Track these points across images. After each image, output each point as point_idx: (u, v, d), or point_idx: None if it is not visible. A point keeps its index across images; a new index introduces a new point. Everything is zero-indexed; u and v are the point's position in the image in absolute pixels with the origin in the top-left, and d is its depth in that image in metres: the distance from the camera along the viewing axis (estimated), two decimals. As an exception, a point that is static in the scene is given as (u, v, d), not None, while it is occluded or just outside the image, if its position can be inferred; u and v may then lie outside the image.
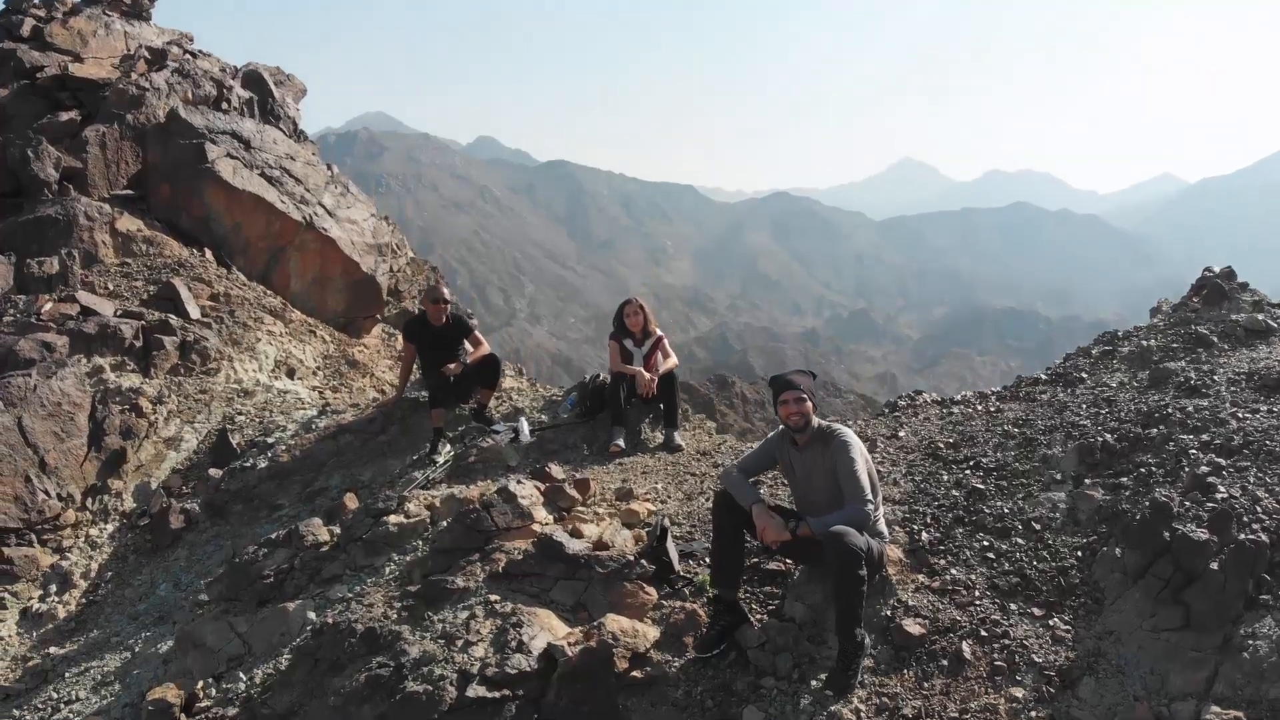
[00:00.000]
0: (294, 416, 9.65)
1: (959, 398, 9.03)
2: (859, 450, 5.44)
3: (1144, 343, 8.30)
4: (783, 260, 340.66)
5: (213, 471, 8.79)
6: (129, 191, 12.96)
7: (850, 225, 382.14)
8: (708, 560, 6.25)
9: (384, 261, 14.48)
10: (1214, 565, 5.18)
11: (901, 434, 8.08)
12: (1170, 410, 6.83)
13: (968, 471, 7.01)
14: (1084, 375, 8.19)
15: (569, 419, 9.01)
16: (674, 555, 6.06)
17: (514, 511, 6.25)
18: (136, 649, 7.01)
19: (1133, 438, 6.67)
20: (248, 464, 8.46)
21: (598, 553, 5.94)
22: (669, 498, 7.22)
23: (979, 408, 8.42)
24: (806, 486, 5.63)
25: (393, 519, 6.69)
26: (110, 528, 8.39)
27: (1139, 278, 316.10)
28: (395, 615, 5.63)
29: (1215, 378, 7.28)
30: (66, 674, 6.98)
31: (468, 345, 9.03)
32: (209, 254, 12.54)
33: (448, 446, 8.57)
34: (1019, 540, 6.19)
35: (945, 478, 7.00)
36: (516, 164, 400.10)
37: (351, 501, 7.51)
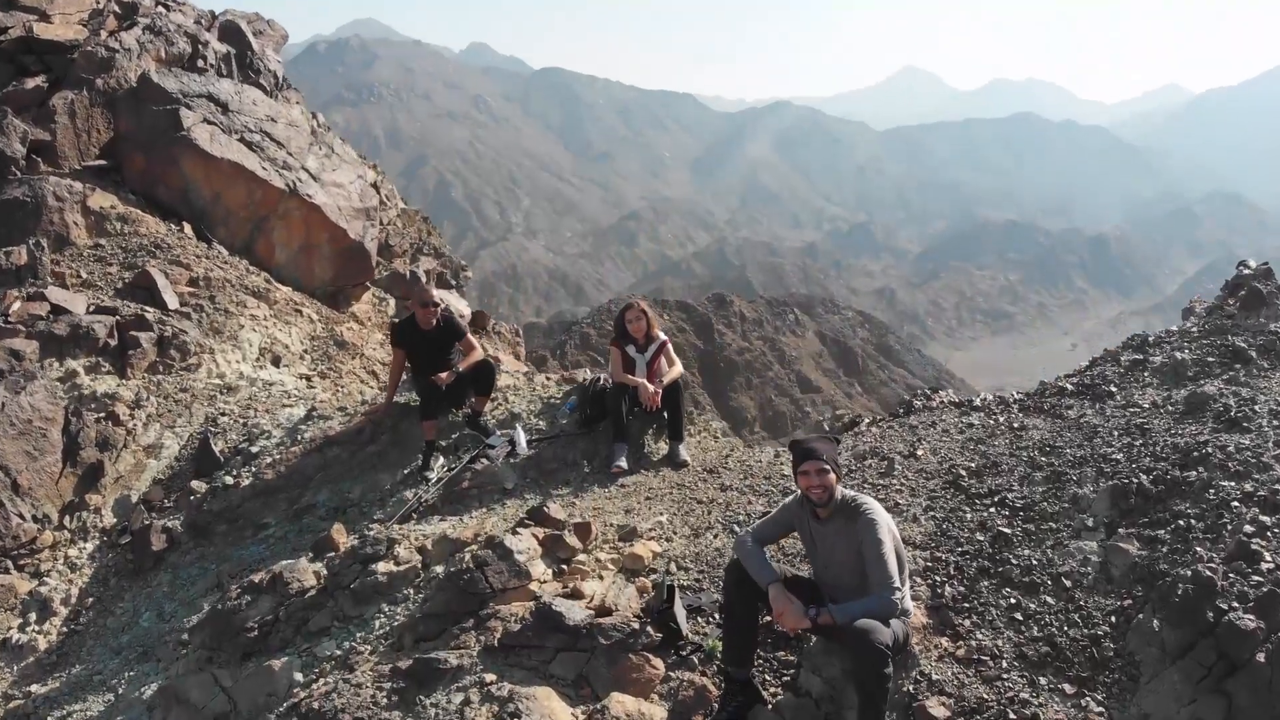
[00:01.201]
0: (279, 418, 9.20)
1: (978, 402, 8.61)
2: (886, 529, 5.02)
3: (1177, 354, 7.83)
4: (783, 172, 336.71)
5: (195, 484, 8.40)
6: (101, 162, 12.26)
7: (852, 136, 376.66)
8: (717, 616, 5.92)
9: (372, 226, 13.86)
10: (1260, 656, 4.83)
11: (920, 452, 7.67)
12: (1210, 449, 6.40)
13: (992, 509, 6.62)
14: (1113, 389, 7.75)
15: (568, 424, 8.60)
16: (682, 619, 5.70)
17: (510, 570, 5.86)
18: (120, 690, 6.71)
19: (1170, 481, 6.26)
20: (230, 481, 8.06)
21: (600, 620, 5.56)
22: (675, 534, 6.83)
23: (1000, 419, 7.99)
24: (829, 561, 5.23)
25: (381, 567, 6.32)
26: (90, 546, 8.03)
27: (1141, 191, 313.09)
28: (385, 700, 5.28)
29: (1256, 408, 6.83)
30: (49, 717, 6.70)
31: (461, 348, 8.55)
32: (188, 229, 11.92)
33: (440, 459, 8.17)
34: (1048, 599, 5.83)
35: (969, 516, 6.61)
36: (510, 71, 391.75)
37: (339, 534, 7.13)
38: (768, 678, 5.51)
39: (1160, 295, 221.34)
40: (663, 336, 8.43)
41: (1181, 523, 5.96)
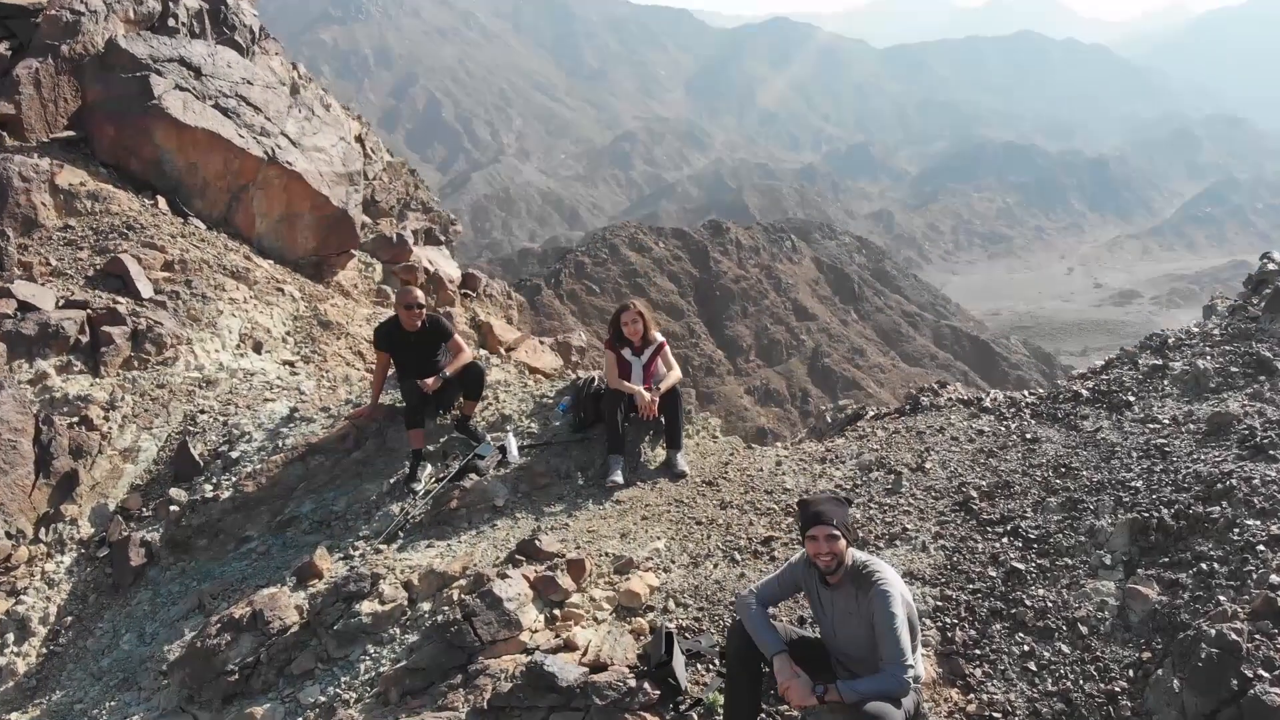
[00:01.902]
0: (261, 416, 8.85)
1: (988, 402, 8.27)
2: (900, 600, 4.71)
3: (1198, 362, 7.48)
4: (781, 91, 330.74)
5: (174, 492, 8.09)
6: (70, 133, 11.64)
7: (852, 54, 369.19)
8: (718, 662, 5.68)
9: (356, 191, 13.29)
10: (1289, 734, 4.59)
11: (928, 465, 7.37)
12: (1234, 481, 6.09)
13: (1005, 540, 6.34)
14: (1130, 399, 7.42)
15: (561, 425, 8.27)
16: (681, 672, 5.44)
17: (499, 620, 5.58)
18: (101, 721, 6.50)
19: (1191, 517, 5.97)
20: (210, 494, 7.74)
21: (595, 678, 5.30)
22: (673, 562, 6.55)
23: (1012, 425, 7.68)
24: (838, 628, 4.94)
25: (366, 607, 6.04)
26: (68, 560, 7.75)
27: (1142, 112, 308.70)
28: (371, 768, 5.05)
29: (1284, 432, 6.51)
30: (28, 750, 6.52)
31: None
32: (162, 203, 11.38)
33: (428, 468, 7.85)
34: (1063, 648, 5.59)
35: (980, 547, 6.33)
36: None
37: (323, 560, 6.84)
38: (772, 735, 5.30)
39: (1158, 218, 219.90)
40: (660, 338, 8.05)
41: (1204, 565, 5.69)
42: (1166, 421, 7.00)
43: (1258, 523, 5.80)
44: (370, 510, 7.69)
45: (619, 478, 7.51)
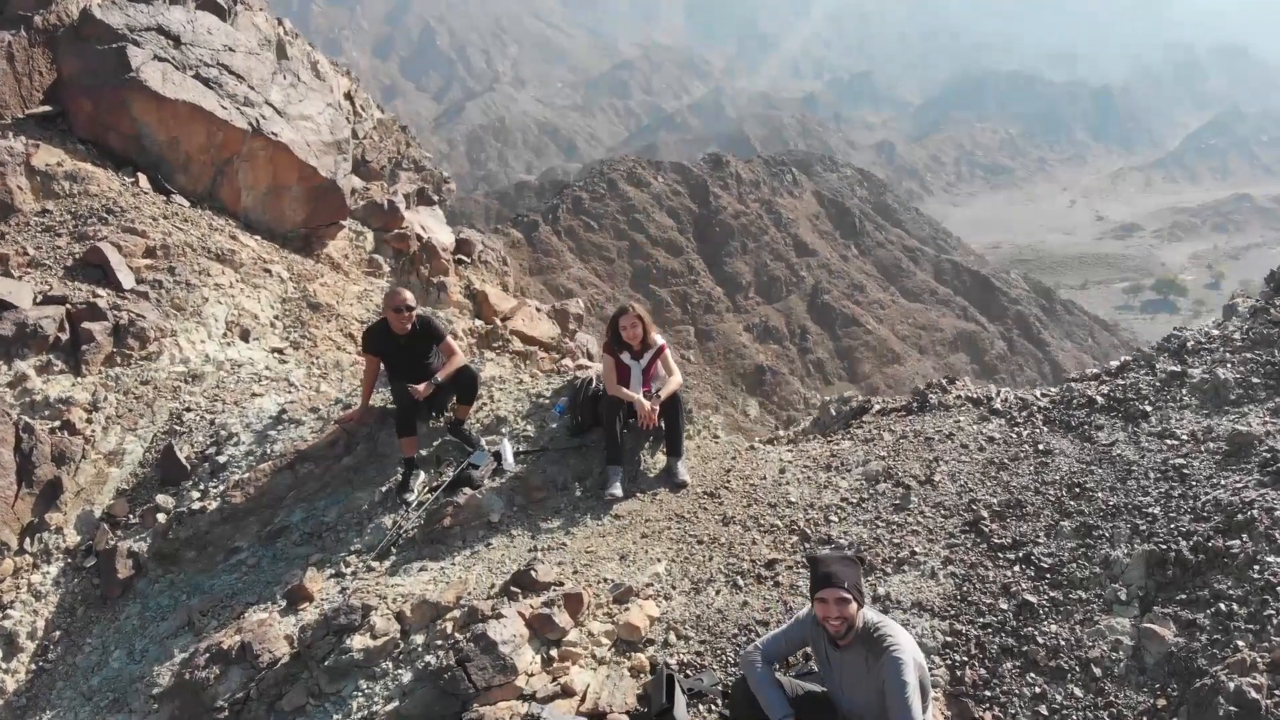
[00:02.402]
0: (249, 414, 8.58)
1: (998, 404, 8.03)
2: (912, 667, 4.52)
3: (1218, 370, 7.20)
4: (783, 16, 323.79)
5: (160, 499, 7.87)
6: (46, 108, 11.14)
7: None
8: (720, 702, 5.53)
9: (345, 160, 12.83)
10: (1312, 804, 4.44)
11: (937, 477, 7.15)
12: (1255, 512, 5.87)
13: (1017, 568, 6.15)
14: (1148, 408, 7.17)
15: (558, 427, 8.03)
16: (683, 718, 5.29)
17: (494, 665, 5.40)
18: (91, 747, 6.39)
19: (1211, 551, 5.77)
20: (198, 506, 7.52)
21: (594, 728, 5.15)
22: (673, 588, 6.36)
23: (1024, 433, 7.45)
24: (846, 689, 4.75)
25: (357, 642, 5.85)
26: (54, 570, 7.57)
27: (1148, 41, 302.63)
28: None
29: (1308, 455, 6.27)
30: (19, 775, 6.41)
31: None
32: (143, 180, 10.94)
33: (421, 476, 7.62)
34: (1076, 691, 5.44)
35: (991, 576, 6.14)
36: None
37: (313, 583, 6.66)
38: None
39: (1162, 150, 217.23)
40: (660, 341, 7.75)
41: (1222, 605, 5.50)
42: (1185, 437, 6.76)
43: (1277, 559, 5.59)
44: (362, 521, 7.48)
45: (618, 491, 7.29)
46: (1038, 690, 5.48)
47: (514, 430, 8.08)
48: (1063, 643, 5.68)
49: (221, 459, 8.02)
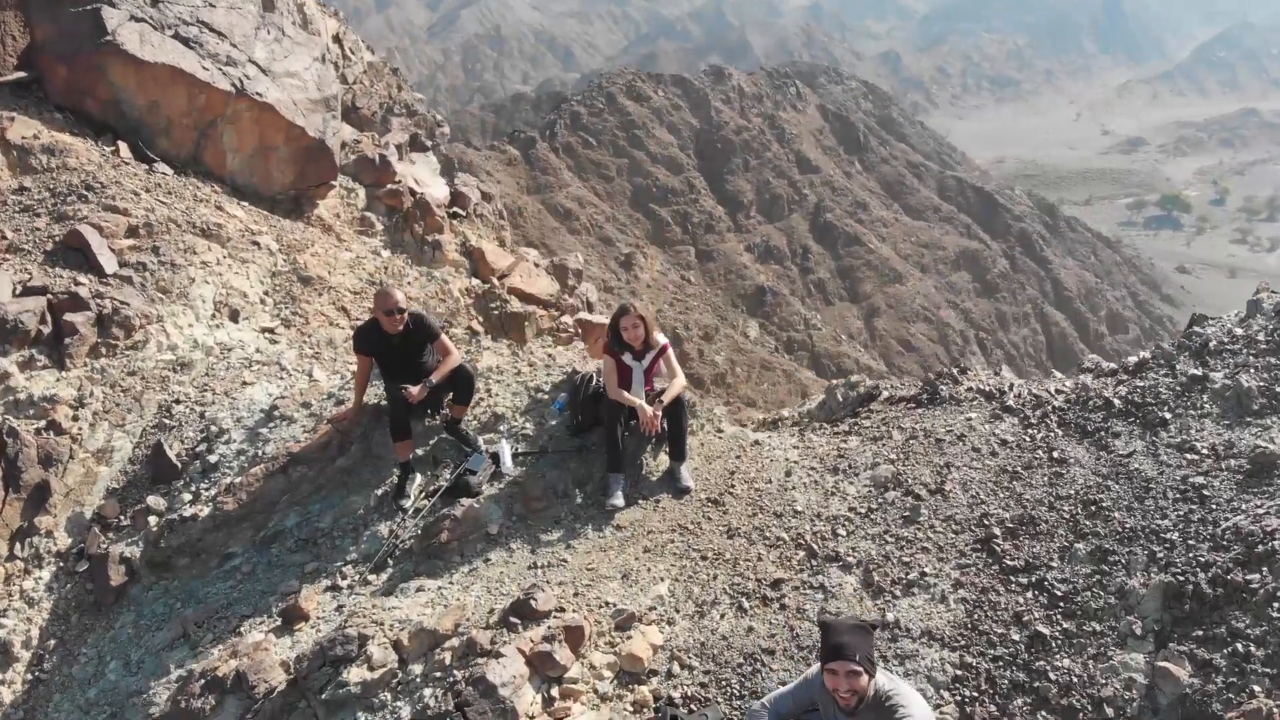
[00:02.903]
0: (239, 406, 8.35)
1: (1011, 400, 7.78)
2: None
3: (1240, 378, 6.94)
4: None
5: (152, 501, 7.69)
6: (21, 74, 10.58)
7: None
8: (724, 739, 5.44)
9: (333, 117, 12.31)
10: None
11: (948, 486, 6.96)
12: (1276, 544, 5.68)
13: (1030, 594, 6.00)
14: (1166, 414, 6.93)
15: (557, 424, 7.82)
16: (687, 766, 5.21)
17: (494, 709, 5.27)
18: (89, 765, 6.34)
19: (1229, 584, 5.60)
20: (189, 513, 7.33)
21: (597, 780, 5.06)
22: (676, 611, 6.22)
23: (1038, 436, 7.24)
24: (856, 756, 4.63)
25: (354, 674, 5.73)
26: (46, 575, 7.43)
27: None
28: None
29: (1334, 479, 6.06)
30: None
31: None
32: (124, 149, 10.47)
33: (417, 479, 7.44)
34: (1087, 733, 5.33)
35: (1003, 601, 6.00)
36: None
37: (309, 601, 6.52)
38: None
39: (1170, 62, 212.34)
40: (662, 340, 7.48)
41: (1239, 645, 5.36)
42: (1205, 451, 6.53)
43: (1300, 597, 5.43)
44: (358, 527, 7.32)
45: (619, 500, 7.10)
46: (1049, 731, 5.39)
47: (512, 428, 7.86)
48: (1075, 679, 5.56)
49: (213, 458, 7.82)
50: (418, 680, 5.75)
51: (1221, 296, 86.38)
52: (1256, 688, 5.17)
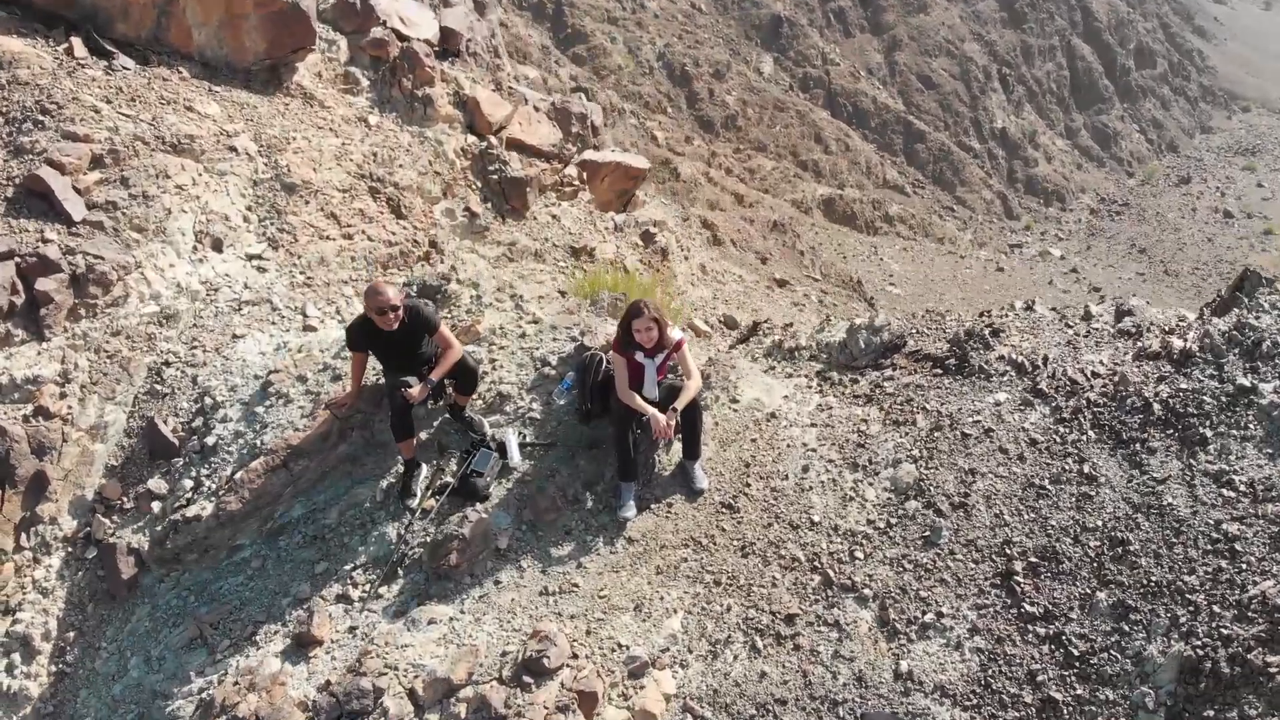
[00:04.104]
0: (233, 370, 7.96)
1: (1044, 382, 7.41)
2: None
3: (1292, 396, 6.51)
4: None
5: (154, 484, 7.52)
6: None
7: None
8: (735, 803, 5.62)
9: (307, -29, 10.84)
10: None
11: (971, 499, 6.76)
12: (1308, 619, 5.56)
13: (1046, 649, 5.97)
14: (1207, 432, 6.59)
15: (565, 405, 7.51)
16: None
17: (514, 793, 5.40)
18: (125, 766, 6.63)
19: (1248, 665, 5.52)
20: (192, 513, 7.16)
21: None
22: (690, 651, 6.22)
23: (1069, 439, 6.94)
24: None
25: (373, 731, 5.84)
26: (56, 562, 7.40)
27: None
28: None
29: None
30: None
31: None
32: (78, 46, 9.23)
33: (423, 471, 7.22)
34: (1090, 812, 5.48)
35: (1018, 655, 5.99)
36: None
37: (321, 629, 6.51)
38: None
39: None
40: (677, 336, 6.98)
41: (1252, 735, 5.37)
42: (1243, 488, 6.24)
43: (1324, 691, 5.38)
44: (365, 523, 7.20)
45: (630, 512, 6.92)
46: (1053, 808, 5.53)
47: (519, 409, 7.54)
48: (1083, 753, 5.64)
49: (210, 439, 7.57)
50: (434, 735, 5.85)
51: (1252, 32, 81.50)
52: (1265, 788, 5.24)
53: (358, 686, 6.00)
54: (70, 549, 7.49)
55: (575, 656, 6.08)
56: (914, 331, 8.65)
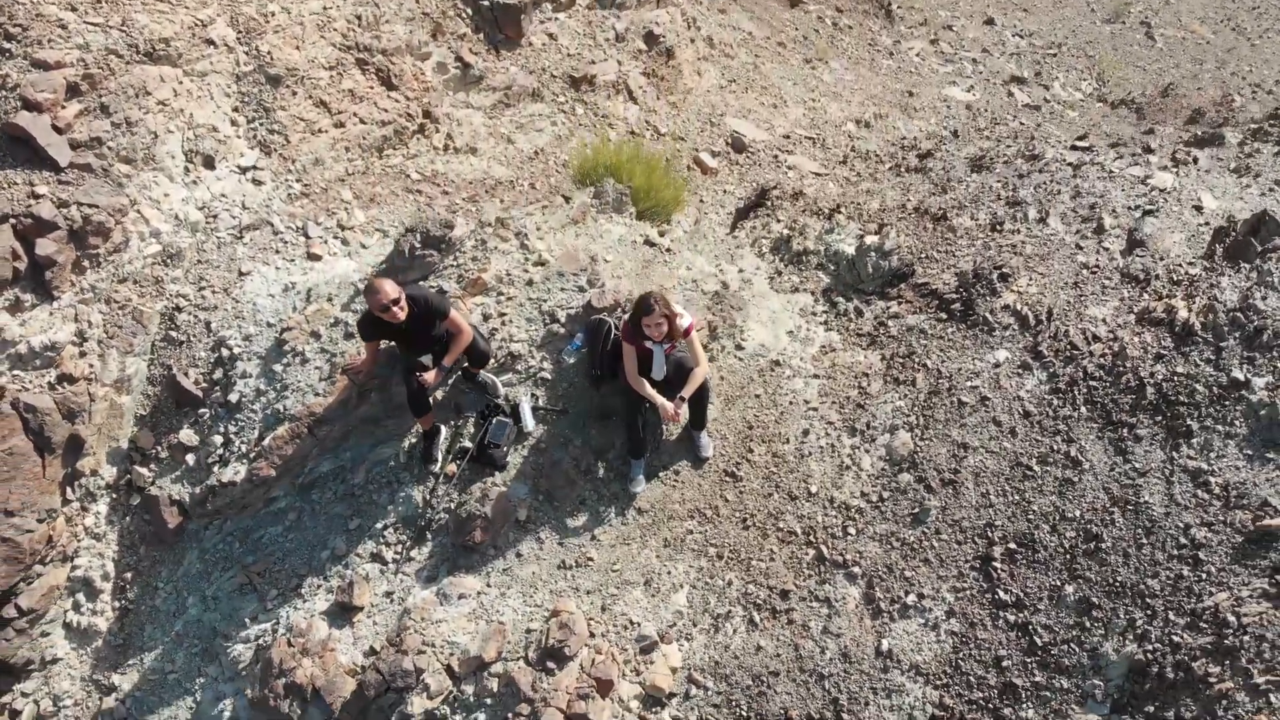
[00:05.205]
0: (244, 316, 8.03)
1: (1045, 342, 7.60)
2: None
3: (1274, 396, 6.70)
4: None
5: (184, 435, 7.86)
6: None
7: None
8: (734, 765, 6.57)
9: None
10: None
11: (961, 475, 7.21)
12: (1246, 639, 6.17)
13: (1013, 635, 6.68)
14: (1194, 425, 6.90)
15: (575, 365, 7.71)
16: (701, 810, 6.39)
17: (542, 770, 6.32)
18: (198, 696, 7.59)
19: (1190, 672, 6.22)
20: (227, 478, 7.57)
21: (630, 833, 6.27)
22: (694, 625, 6.94)
23: (1061, 414, 7.24)
24: None
25: (417, 704, 6.64)
26: (103, 508, 7.92)
27: None
28: None
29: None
30: None
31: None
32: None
33: (443, 434, 7.57)
34: (1034, 784, 6.42)
35: (988, 639, 6.72)
36: None
37: (362, 596, 7.19)
38: None
39: None
40: (685, 324, 7.04)
41: (1181, 730, 6.17)
42: (1217, 490, 6.64)
43: (1246, 699, 6.07)
44: (392, 482, 7.67)
45: (639, 487, 7.36)
46: (1003, 776, 6.47)
47: (530, 369, 7.74)
48: (1035, 732, 6.49)
49: (233, 396, 7.81)
50: (471, 700, 6.70)
51: None
52: (1185, 779, 6.12)
53: (401, 666, 6.77)
54: (114, 495, 8.00)
55: (593, 635, 6.81)
56: (924, 257, 8.61)
